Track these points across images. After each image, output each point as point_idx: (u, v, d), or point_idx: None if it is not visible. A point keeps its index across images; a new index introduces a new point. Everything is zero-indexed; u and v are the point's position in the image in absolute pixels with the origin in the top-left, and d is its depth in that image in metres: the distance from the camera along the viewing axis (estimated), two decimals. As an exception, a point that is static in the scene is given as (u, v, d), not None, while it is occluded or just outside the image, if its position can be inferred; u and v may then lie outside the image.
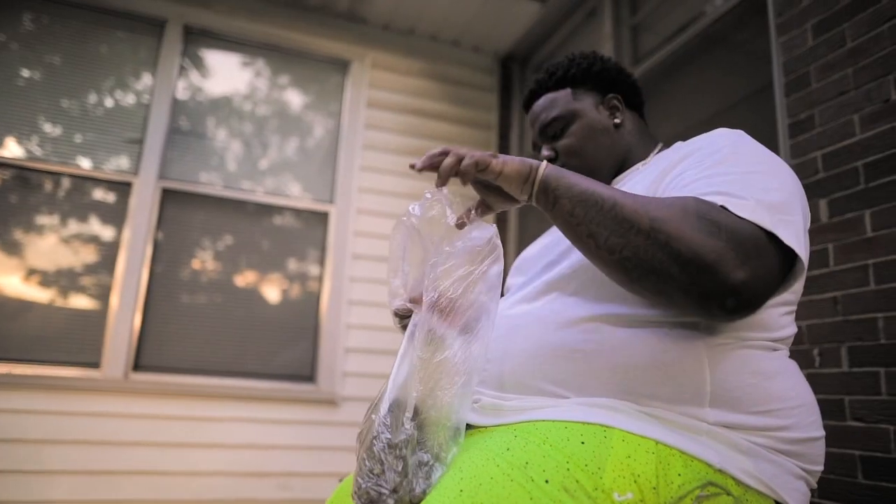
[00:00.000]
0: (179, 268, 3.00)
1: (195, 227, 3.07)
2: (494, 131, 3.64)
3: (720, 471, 0.77)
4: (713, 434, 0.79)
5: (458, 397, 0.81)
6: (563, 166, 1.13)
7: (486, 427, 0.89)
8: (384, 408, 0.81)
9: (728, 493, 0.76)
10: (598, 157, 1.11)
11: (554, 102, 1.15)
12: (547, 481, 0.71)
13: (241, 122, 3.23)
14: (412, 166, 0.90)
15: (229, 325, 3.03)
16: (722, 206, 0.76)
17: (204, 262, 3.07)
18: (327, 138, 3.33)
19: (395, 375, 0.82)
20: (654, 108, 2.61)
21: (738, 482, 0.78)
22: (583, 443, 0.75)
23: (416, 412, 0.79)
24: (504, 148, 3.60)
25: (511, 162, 0.85)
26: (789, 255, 0.77)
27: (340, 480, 1.10)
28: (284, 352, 3.07)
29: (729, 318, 0.79)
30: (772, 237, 0.75)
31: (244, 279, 3.10)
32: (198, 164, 3.10)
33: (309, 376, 3.05)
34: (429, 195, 0.90)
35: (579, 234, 0.80)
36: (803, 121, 1.69)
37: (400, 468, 0.76)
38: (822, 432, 0.86)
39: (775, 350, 0.88)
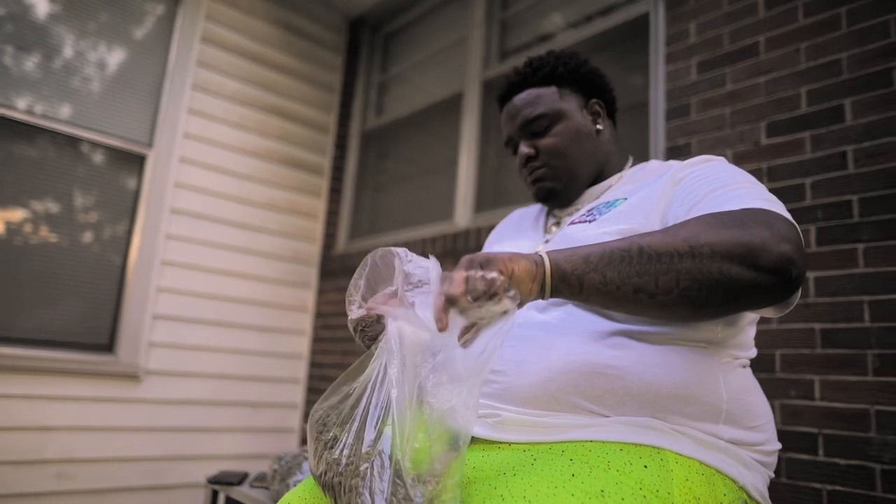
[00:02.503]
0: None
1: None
2: (337, 95, 3.44)
3: (741, 487, 0.82)
4: (729, 451, 0.84)
5: (468, 409, 0.73)
6: (543, 166, 1.11)
7: (509, 443, 0.83)
8: (383, 459, 0.70)
9: None
10: (580, 161, 1.10)
11: (539, 98, 1.11)
12: None
13: (37, 31, 2.58)
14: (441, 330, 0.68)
15: (2, 279, 2.43)
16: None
17: (-31, 196, 2.41)
18: (151, 69, 2.83)
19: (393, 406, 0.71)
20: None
21: (751, 497, 0.84)
22: (646, 466, 0.74)
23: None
24: (345, 115, 3.42)
25: (516, 266, 0.70)
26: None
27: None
28: (75, 316, 2.57)
29: (795, 291, 0.77)
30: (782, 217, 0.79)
31: (24, 225, 2.51)
32: (-31, 69, 2.41)
33: (107, 345, 2.59)
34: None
35: (625, 296, 0.73)
36: (681, 146, 1.88)
37: None
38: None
39: (747, 367, 0.96)
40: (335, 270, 3.18)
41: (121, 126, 2.72)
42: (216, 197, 2.91)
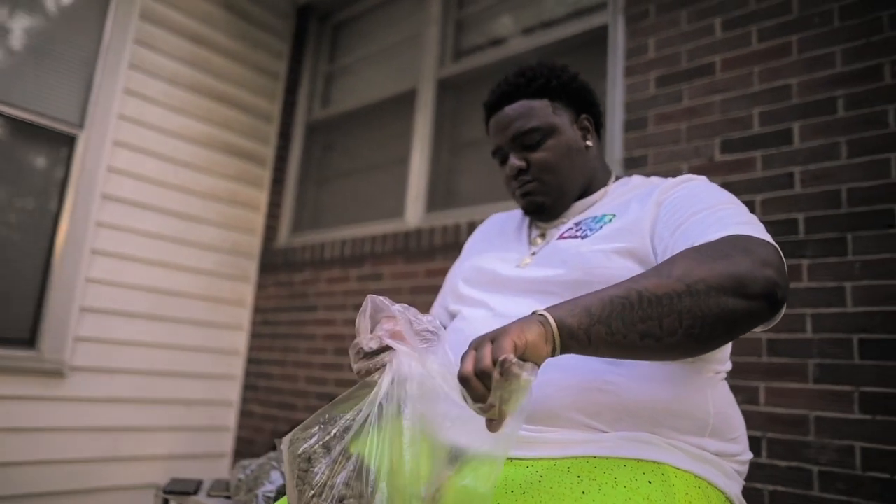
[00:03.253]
0: None
1: None
2: (282, 83, 3.34)
3: (728, 498, 0.86)
4: (714, 463, 0.87)
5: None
6: (534, 180, 1.10)
7: (510, 459, 0.83)
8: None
9: None
10: (571, 176, 1.11)
11: (532, 111, 1.10)
12: None
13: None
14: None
15: None
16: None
17: None
18: (83, 44, 2.63)
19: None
20: (472, 110, 2.70)
21: None
22: (650, 482, 0.76)
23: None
24: (290, 104, 3.32)
25: (529, 333, 0.69)
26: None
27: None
28: (-8, 307, 2.37)
29: (782, 309, 0.80)
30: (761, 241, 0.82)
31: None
32: None
33: (28, 340, 2.41)
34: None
35: (632, 343, 0.73)
36: (637, 158, 1.94)
37: None
38: None
39: (725, 380, 1.01)
40: (276, 264, 3.09)
41: (48, 104, 2.52)
42: (152, 183, 2.76)
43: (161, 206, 2.78)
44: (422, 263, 2.49)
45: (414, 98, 2.81)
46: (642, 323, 0.72)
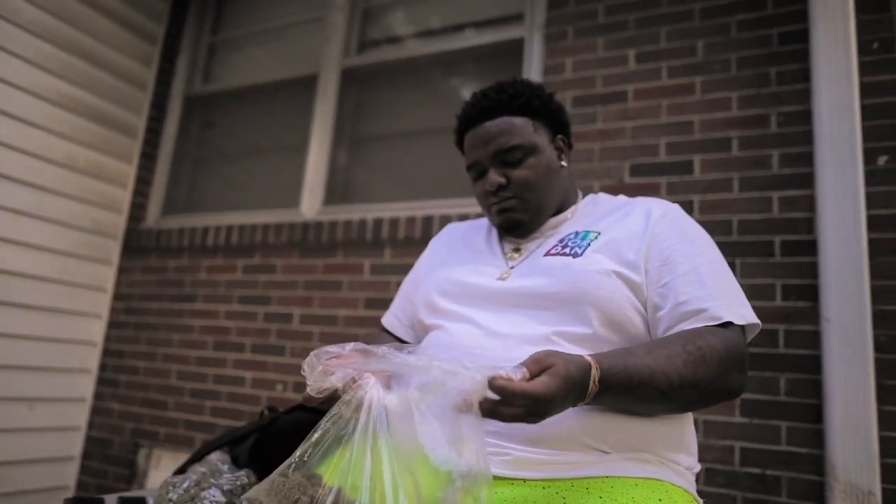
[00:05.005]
0: None
1: None
2: (158, 48, 3.02)
3: (700, 509, 0.95)
4: (686, 476, 0.96)
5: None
6: (514, 197, 1.11)
7: (524, 480, 0.84)
8: None
9: None
10: (548, 195, 1.14)
11: (514, 129, 1.11)
12: None
13: None
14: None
15: None
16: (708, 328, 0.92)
17: None
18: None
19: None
20: (378, 104, 2.66)
21: None
22: (660, 500, 0.82)
23: None
24: (167, 73, 3.02)
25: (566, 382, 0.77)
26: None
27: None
28: None
29: None
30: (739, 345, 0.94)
31: None
32: None
33: None
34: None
35: (637, 407, 0.90)
36: (552, 172, 2.04)
37: None
38: None
39: None
40: (144, 247, 2.80)
41: None
42: (-1, 146, 2.37)
43: (8, 172, 2.39)
44: (320, 258, 2.41)
45: (315, 85, 2.69)
46: (660, 401, 0.87)
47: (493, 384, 0.71)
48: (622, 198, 1.17)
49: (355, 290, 2.31)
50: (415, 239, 2.21)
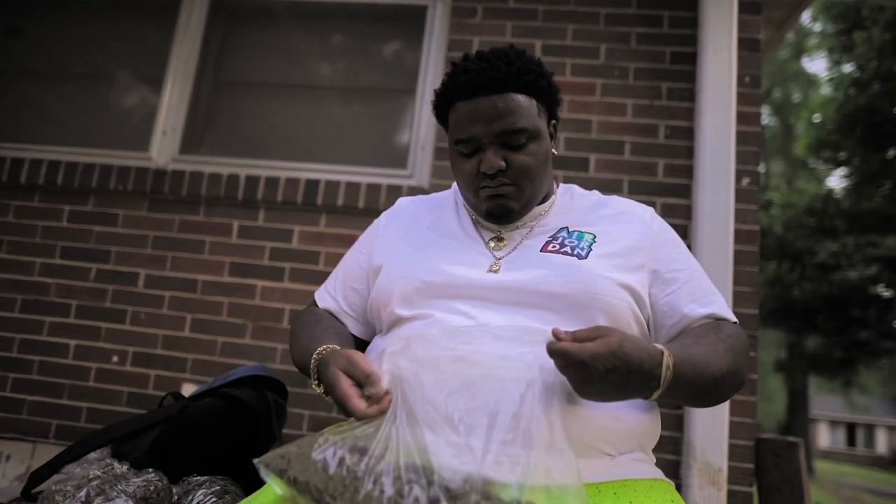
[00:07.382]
0: None
1: None
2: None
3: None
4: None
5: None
6: (512, 184, 1.02)
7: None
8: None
9: None
10: (542, 184, 1.07)
11: (522, 109, 1.01)
12: None
13: None
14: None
15: None
16: (721, 319, 1.00)
17: None
18: None
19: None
20: (248, 44, 2.39)
21: None
22: (672, 501, 0.86)
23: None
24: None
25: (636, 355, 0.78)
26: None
27: None
28: None
29: None
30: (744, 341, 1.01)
31: None
32: None
33: None
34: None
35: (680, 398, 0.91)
36: (445, 148, 2.00)
37: None
38: None
39: None
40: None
41: None
42: None
43: None
44: (176, 213, 2.11)
45: (177, 9, 2.32)
46: (713, 390, 0.90)
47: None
48: (596, 193, 1.16)
49: (220, 253, 2.06)
50: (295, 203, 2.02)
